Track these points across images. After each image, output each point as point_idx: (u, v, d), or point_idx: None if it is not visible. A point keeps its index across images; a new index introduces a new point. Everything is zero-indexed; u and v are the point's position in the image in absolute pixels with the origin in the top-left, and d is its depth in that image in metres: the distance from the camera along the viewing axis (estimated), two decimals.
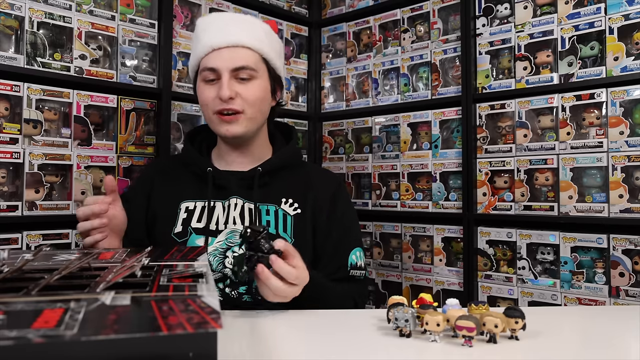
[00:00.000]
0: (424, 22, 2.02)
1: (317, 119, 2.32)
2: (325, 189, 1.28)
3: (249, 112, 1.19)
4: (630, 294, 1.51)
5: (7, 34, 1.44)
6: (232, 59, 1.17)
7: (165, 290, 0.56)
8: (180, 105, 1.81)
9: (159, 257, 0.80)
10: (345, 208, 1.31)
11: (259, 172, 1.22)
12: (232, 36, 1.18)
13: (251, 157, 1.27)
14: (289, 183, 1.26)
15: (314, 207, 1.25)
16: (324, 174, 1.38)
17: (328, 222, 1.25)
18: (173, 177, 1.28)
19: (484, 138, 1.82)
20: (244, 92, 1.18)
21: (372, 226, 2.12)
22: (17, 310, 0.48)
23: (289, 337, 0.78)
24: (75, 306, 0.48)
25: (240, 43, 1.19)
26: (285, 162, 1.28)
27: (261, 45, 1.21)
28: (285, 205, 1.23)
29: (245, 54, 1.19)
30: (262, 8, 2.08)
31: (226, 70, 1.17)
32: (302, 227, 1.22)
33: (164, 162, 1.41)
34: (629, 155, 1.53)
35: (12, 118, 1.44)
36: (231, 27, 1.21)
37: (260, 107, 1.22)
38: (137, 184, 1.36)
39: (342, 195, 1.32)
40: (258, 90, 1.20)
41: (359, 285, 1.25)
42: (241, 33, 1.20)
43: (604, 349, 0.75)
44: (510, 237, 1.74)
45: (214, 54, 1.18)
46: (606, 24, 1.59)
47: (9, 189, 1.43)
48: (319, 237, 1.24)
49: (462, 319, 0.71)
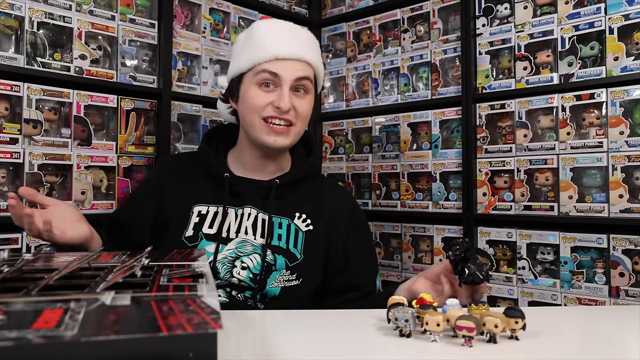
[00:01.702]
0: (424, 22, 2.02)
1: (317, 119, 2.32)
2: (339, 207, 1.29)
3: (299, 126, 1.20)
4: (630, 294, 1.51)
5: (7, 34, 1.44)
6: (295, 70, 1.17)
7: (165, 290, 0.56)
8: (180, 105, 1.81)
9: (159, 258, 0.80)
10: (367, 231, 1.33)
11: (276, 184, 1.21)
12: (298, 49, 1.19)
13: (272, 165, 1.27)
14: (305, 197, 1.26)
15: (328, 222, 1.25)
16: (336, 190, 1.37)
17: (350, 246, 1.25)
18: (187, 176, 1.26)
19: (484, 138, 1.82)
20: (299, 106, 1.19)
21: (372, 226, 2.12)
22: (17, 310, 0.48)
23: (289, 337, 0.78)
24: (75, 306, 0.48)
25: (303, 57, 1.19)
26: (304, 176, 1.27)
27: (317, 63, 1.23)
28: (299, 221, 1.22)
29: (306, 68, 1.20)
30: (262, 8, 2.08)
31: (288, 80, 1.16)
32: (313, 244, 1.22)
33: (177, 161, 1.39)
34: (629, 155, 1.53)
35: (12, 118, 1.44)
36: (293, 39, 1.21)
37: (307, 123, 1.24)
38: (149, 184, 1.33)
39: (358, 213, 1.33)
40: (310, 105, 1.22)
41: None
42: (304, 47, 1.20)
43: (604, 349, 0.75)
44: (510, 237, 1.74)
45: (275, 62, 1.17)
46: (606, 24, 1.59)
47: (9, 189, 1.43)
48: (336, 254, 1.24)
49: (462, 319, 0.71)
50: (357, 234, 1.28)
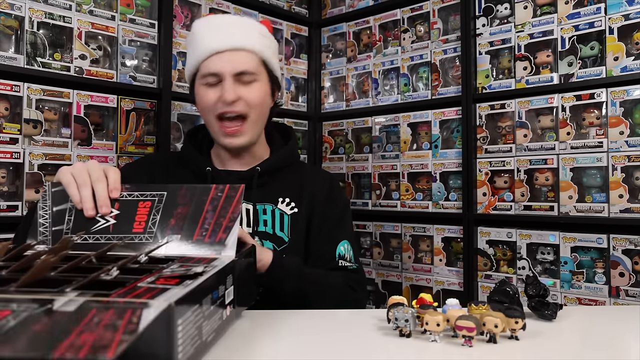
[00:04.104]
0: (424, 22, 2.02)
1: (317, 119, 2.32)
2: (319, 188, 1.29)
3: (253, 115, 1.19)
4: (630, 294, 1.51)
5: (7, 34, 1.45)
6: (234, 63, 1.16)
7: (133, 292, 0.54)
8: (180, 105, 1.81)
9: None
10: (338, 205, 1.31)
11: (257, 172, 1.22)
12: (234, 39, 1.17)
13: (250, 158, 1.27)
14: (286, 182, 1.26)
15: (309, 206, 1.25)
16: (317, 173, 1.38)
17: (322, 221, 1.25)
18: (173, 175, 1.27)
19: (484, 138, 1.82)
20: (247, 95, 1.17)
21: (372, 226, 2.12)
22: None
23: (289, 337, 0.78)
24: (20, 309, 0.48)
25: (242, 46, 1.18)
26: (284, 162, 1.28)
27: (261, 48, 1.20)
28: (282, 205, 1.23)
29: (246, 57, 1.18)
30: (262, 8, 2.08)
31: (229, 74, 1.16)
32: (299, 225, 1.23)
33: (162, 158, 1.39)
34: (629, 155, 1.53)
35: (12, 118, 1.44)
36: (231, 30, 1.19)
37: (262, 110, 1.22)
38: (137, 171, 1.29)
39: (335, 193, 1.31)
40: (260, 92, 1.20)
41: (352, 274, 1.23)
42: (242, 36, 1.19)
43: (604, 349, 0.75)
44: (510, 237, 1.74)
45: (215, 57, 1.16)
46: (606, 24, 1.59)
47: (9, 189, 1.43)
48: (313, 235, 1.24)
49: (462, 319, 0.71)
50: (330, 210, 1.27)
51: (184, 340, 0.53)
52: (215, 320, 0.65)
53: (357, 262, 1.26)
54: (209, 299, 0.62)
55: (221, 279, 0.68)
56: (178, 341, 0.51)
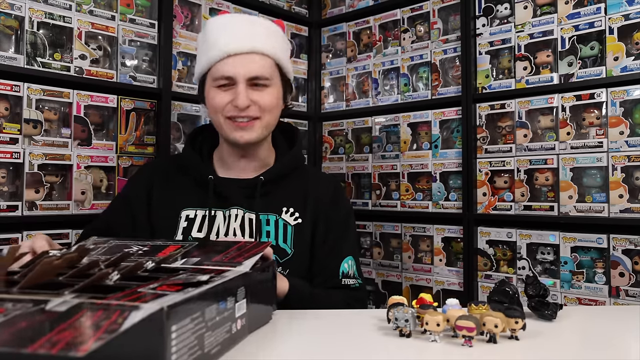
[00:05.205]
0: (424, 22, 2.02)
1: (317, 119, 2.32)
2: (323, 192, 1.27)
3: (265, 119, 1.17)
4: (630, 294, 1.51)
5: (7, 34, 1.44)
6: (248, 67, 1.14)
7: (130, 297, 0.54)
8: (180, 105, 1.81)
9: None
10: (343, 210, 1.29)
11: (260, 181, 1.20)
12: (249, 42, 1.15)
13: (255, 161, 1.25)
14: (290, 190, 1.24)
15: (313, 212, 1.23)
16: (321, 177, 1.36)
17: (327, 227, 1.23)
18: (174, 182, 1.25)
19: (484, 138, 1.82)
20: (260, 100, 1.16)
21: (372, 226, 2.12)
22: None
23: (289, 337, 0.78)
24: (12, 308, 0.49)
25: (257, 49, 1.15)
26: (288, 169, 1.26)
27: (275, 51, 1.18)
28: (286, 215, 1.21)
29: (261, 61, 1.16)
30: (262, 8, 2.08)
31: (243, 79, 1.14)
32: (302, 237, 1.21)
33: (163, 164, 1.36)
34: (629, 155, 1.53)
35: (12, 118, 1.44)
36: (246, 32, 1.17)
37: (274, 114, 1.20)
38: (136, 184, 1.30)
39: (339, 197, 1.30)
40: (273, 97, 1.18)
41: (354, 292, 1.22)
42: (257, 39, 1.16)
43: (604, 349, 0.75)
44: (510, 237, 1.74)
45: (229, 60, 1.14)
46: (606, 24, 1.59)
47: (9, 189, 1.43)
48: (318, 243, 1.22)
49: (462, 319, 0.71)
50: (334, 213, 1.25)
51: (179, 349, 0.51)
52: (222, 333, 0.63)
53: (360, 276, 1.25)
54: (213, 309, 0.60)
55: (230, 290, 0.66)
56: (172, 349, 0.50)
